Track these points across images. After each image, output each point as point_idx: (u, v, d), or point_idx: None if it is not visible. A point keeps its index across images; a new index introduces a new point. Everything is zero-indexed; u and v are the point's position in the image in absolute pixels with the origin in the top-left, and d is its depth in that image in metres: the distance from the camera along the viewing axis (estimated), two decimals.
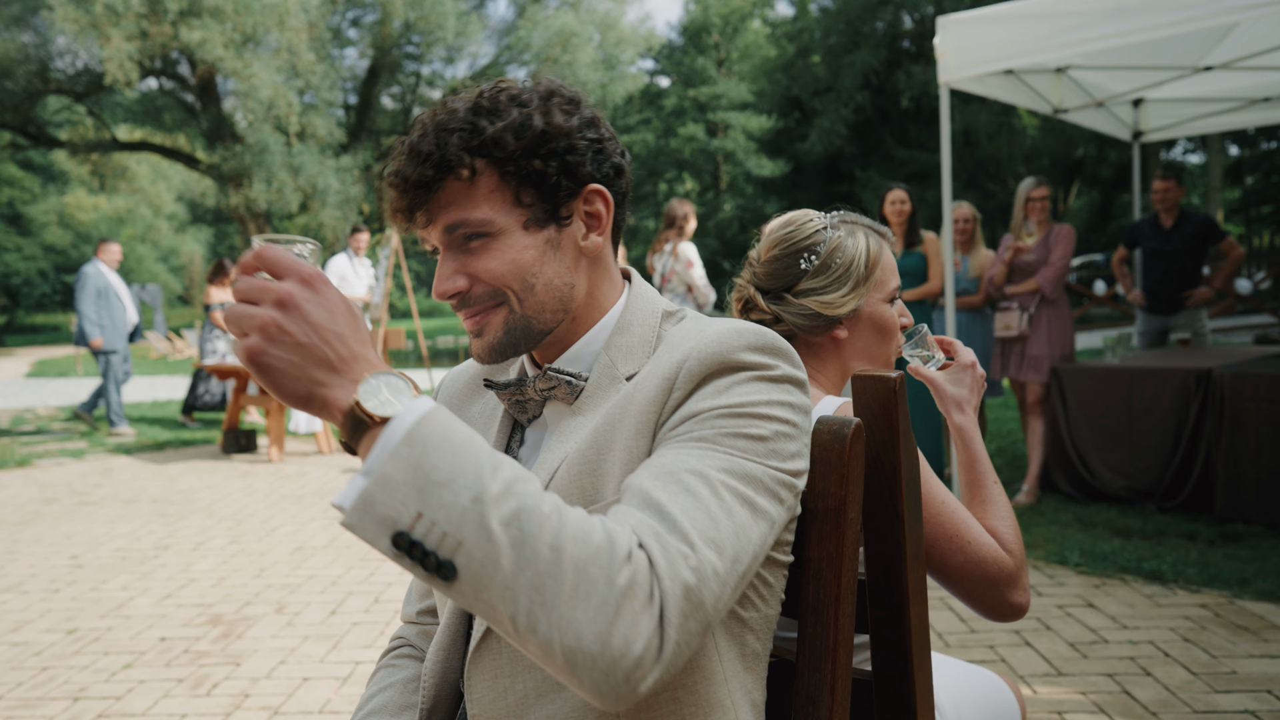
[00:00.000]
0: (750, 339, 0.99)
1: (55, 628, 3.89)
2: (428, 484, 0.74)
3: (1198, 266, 5.93)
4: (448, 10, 27.81)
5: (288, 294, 0.79)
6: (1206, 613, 3.59)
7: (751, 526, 0.88)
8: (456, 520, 0.73)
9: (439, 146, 1.01)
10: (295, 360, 0.79)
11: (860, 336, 1.55)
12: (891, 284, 1.56)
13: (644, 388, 1.00)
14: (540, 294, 1.05)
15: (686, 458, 0.90)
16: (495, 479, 0.75)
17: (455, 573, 0.73)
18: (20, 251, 44.34)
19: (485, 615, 0.76)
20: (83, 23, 22.91)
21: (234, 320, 0.79)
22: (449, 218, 1.03)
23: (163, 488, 6.86)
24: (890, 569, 1.18)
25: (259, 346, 0.78)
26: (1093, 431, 5.23)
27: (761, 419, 0.94)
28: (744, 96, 35.64)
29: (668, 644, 0.77)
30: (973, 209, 5.91)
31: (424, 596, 1.28)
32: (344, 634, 3.73)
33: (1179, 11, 4.05)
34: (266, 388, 0.80)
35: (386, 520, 0.73)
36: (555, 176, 1.04)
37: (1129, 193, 22.25)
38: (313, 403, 0.80)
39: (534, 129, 1.02)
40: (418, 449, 0.75)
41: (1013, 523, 1.42)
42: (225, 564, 4.77)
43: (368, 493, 0.74)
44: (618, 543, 0.78)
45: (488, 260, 1.03)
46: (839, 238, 1.53)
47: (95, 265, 9.37)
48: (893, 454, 1.16)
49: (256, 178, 25.89)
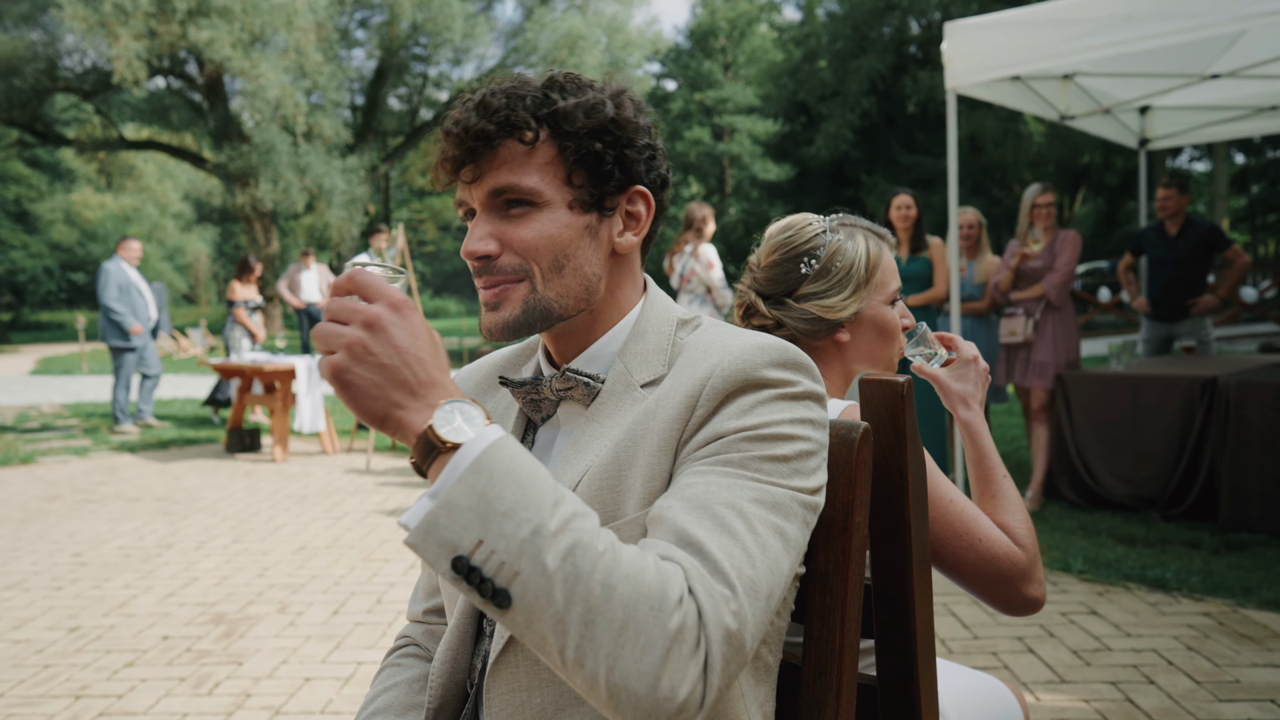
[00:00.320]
0: (773, 355, 0.99)
1: (57, 625, 3.90)
2: (490, 513, 0.77)
3: (1203, 274, 5.92)
4: (455, 12, 27.88)
5: (375, 316, 0.83)
6: (1210, 621, 3.58)
7: (783, 558, 0.89)
8: (515, 551, 0.76)
9: (509, 106, 1.02)
10: (377, 380, 0.82)
11: (863, 339, 1.55)
12: (892, 286, 1.56)
13: (667, 404, 1.00)
14: (567, 278, 1.05)
15: (717, 488, 0.91)
16: (555, 514, 0.78)
17: (510, 601, 0.76)
18: (26, 249, 44.45)
19: (535, 645, 0.78)
20: (91, 21, 23.00)
21: (322, 338, 0.83)
22: (498, 180, 1.03)
23: (166, 486, 6.87)
24: (896, 574, 1.18)
25: (344, 364, 0.82)
26: (1097, 439, 5.22)
27: (785, 439, 0.95)
28: (750, 101, 35.65)
29: (710, 690, 0.79)
30: (978, 215, 5.91)
31: (430, 595, 1.28)
32: (346, 634, 3.73)
33: (1187, 19, 4.05)
34: (347, 404, 0.83)
35: (448, 544, 0.77)
36: (610, 165, 1.06)
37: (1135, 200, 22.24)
38: (388, 422, 0.83)
39: (604, 113, 1.04)
40: (484, 477, 0.77)
41: (1024, 516, 1.42)
42: (228, 563, 4.78)
43: (433, 515, 0.77)
44: (670, 584, 0.80)
45: (524, 230, 1.03)
46: (839, 241, 1.53)
47: (116, 262, 9.38)
48: (900, 459, 1.16)
49: (263, 177, 25.97)
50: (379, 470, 7.39)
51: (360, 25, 31.86)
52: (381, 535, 5.28)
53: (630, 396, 1.05)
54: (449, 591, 1.15)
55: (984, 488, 1.47)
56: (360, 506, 6.03)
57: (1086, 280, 20.93)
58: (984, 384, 1.56)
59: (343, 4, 27.88)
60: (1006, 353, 5.58)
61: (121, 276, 9.31)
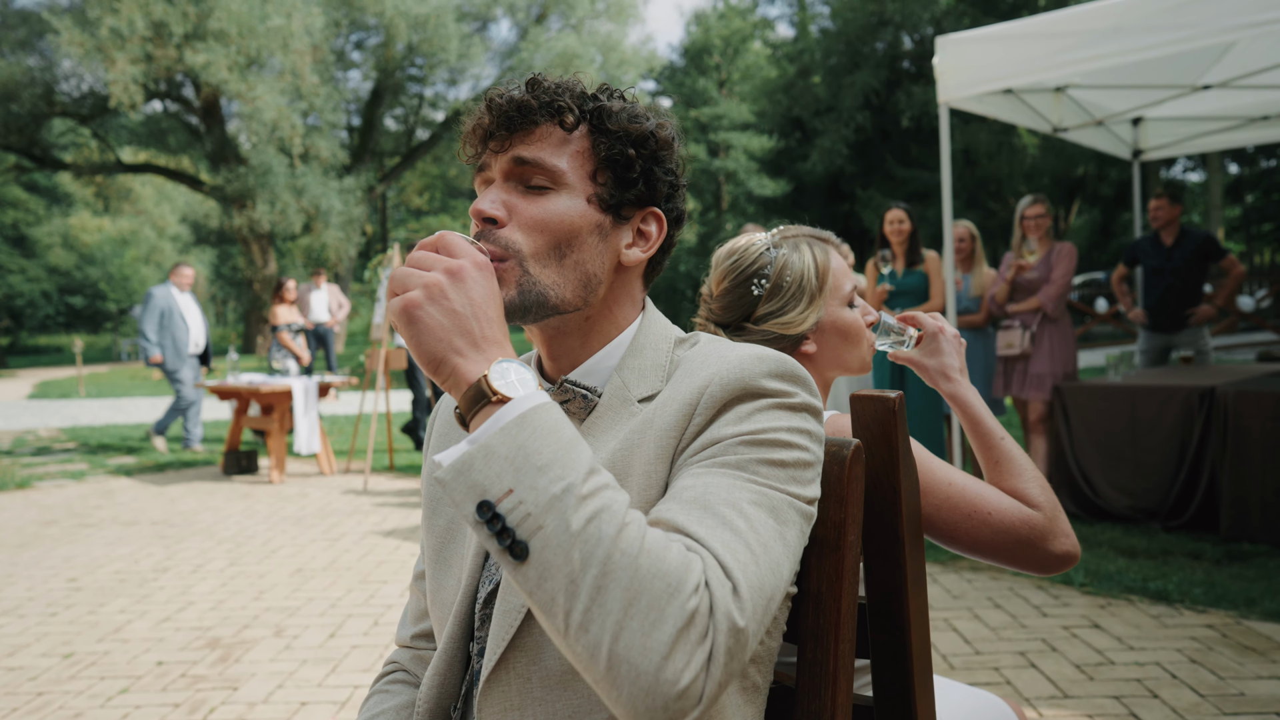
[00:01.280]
0: (771, 365, 0.99)
1: (51, 652, 3.86)
2: (526, 464, 0.78)
3: (1199, 284, 5.92)
4: (450, 33, 28.04)
5: (460, 268, 0.88)
6: (1213, 633, 3.56)
7: (783, 563, 0.88)
8: (543, 505, 0.76)
9: (557, 90, 1.05)
10: (445, 324, 0.85)
11: (828, 346, 1.54)
12: (846, 288, 1.55)
13: (664, 412, 0.99)
14: (568, 268, 1.04)
15: (716, 488, 0.89)
16: (589, 480, 0.79)
17: (527, 555, 0.76)
18: (24, 273, 44.45)
19: (542, 606, 0.77)
20: (88, 46, 23.11)
21: (401, 279, 0.87)
22: (528, 150, 1.04)
23: (163, 509, 6.84)
24: (891, 593, 1.16)
25: (418, 300, 0.85)
26: (1096, 450, 5.20)
27: (782, 446, 0.94)
28: (745, 117, 35.80)
29: (709, 684, 0.77)
30: (970, 228, 5.91)
31: (419, 619, 1.26)
32: (343, 657, 3.70)
33: (1177, 31, 4.07)
34: (407, 340, 0.86)
35: (478, 487, 0.78)
36: (637, 175, 1.07)
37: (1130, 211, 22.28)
38: (444, 366, 0.86)
39: (645, 125, 1.08)
40: (526, 431, 0.79)
41: (1034, 474, 1.39)
42: (224, 586, 4.74)
43: (468, 457, 0.79)
44: (690, 570, 0.79)
45: (535, 207, 1.03)
46: (784, 256, 1.52)
47: (165, 288, 9.25)
48: (893, 476, 1.14)
49: (260, 199, 26.03)
50: (376, 491, 7.36)
51: (356, 47, 32.02)
52: (379, 556, 5.25)
53: (627, 411, 1.04)
54: (439, 610, 1.13)
55: (986, 455, 1.44)
56: (357, 528, 6.00)
57: (1083, 291, 20.96)
58: (959, 350, 1.53)
59: (338, 26, 28.03)
60: (1004, 365, 5.58)
61: (166, 303, 9.14)
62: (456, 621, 1.08)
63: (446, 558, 1.15)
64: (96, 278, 47.35)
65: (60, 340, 47.89)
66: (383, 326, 8.00)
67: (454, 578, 1.12)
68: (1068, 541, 1.35)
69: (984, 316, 5.75)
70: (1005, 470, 1.41)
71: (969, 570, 4.53)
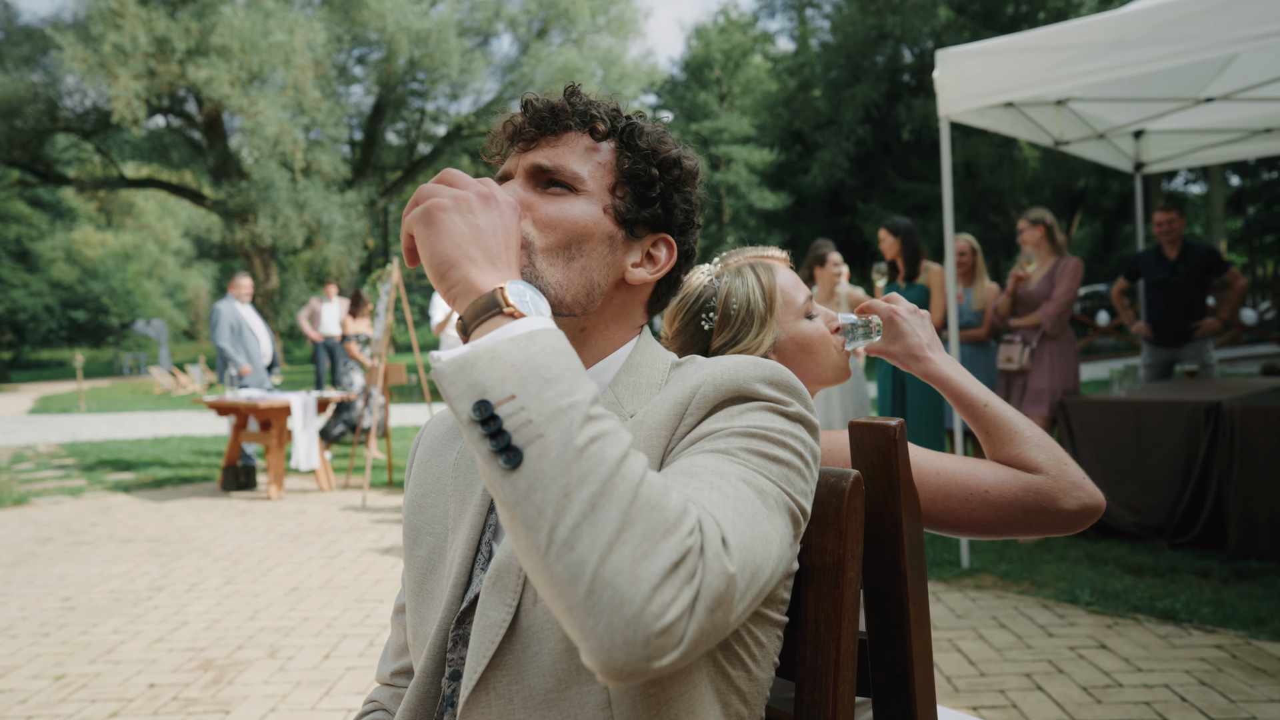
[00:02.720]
0: (768, 372, 0.96)
1: (43, 673, 3.81)
2: (534, 375, 0.74)
3: (1203, 297, 5.87)
4: (452, 48, 28.14)
5: (492, 193, 0.86)
6: (1223, 654, 3.49)
7: (773, 539, 0.82)
8: (547, 415, 0.72)
9: (590, 103, 1.06)
10: (465, 233, 0.82)
11: (795, 363, 1.50)
12: (799, 300, 1.51)
13: (654, 414, 0.96)
14: (574, 271, 1.03)
15: (705, 462, 0.86)
16: (595, 404, 0.75)
17: (520, 462, 0.71)
18: (27, 288, 44.55)
19: (525, 518, 0.70)
20: (91, 62, 23.20)
21: (428, 190, 0.85)
22: (550, 158, 1.04)
23: (160, 526, 6.79)
24: (894, 629, 1.12)
25: (444, 204, 0.83)
26: (1101, 465, 5.14)
27: (777, 444, 0.90)
28: (746, 130, 35.87)
29: (690, 628, 0.70)
30: (971, 241, 5.88)
31: (399, 655, 1.21)
32: (337, 679, 3.64)
33: (1179, 43, 4.03)
34: (421, 242, 0.83)
35: (478, 386, 0.73)
36: (656, 196, 1.08)
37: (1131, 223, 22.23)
38: (454, 270, 0.82)
39: (672, 150, 1.09)
40: (536, 346, 0.75)
41: (1031, 433, 1.33)
42: (219, 605, 4.69)
43: (473, 355, 0.75)
44: (687, 513, 0.73)
45: (550, 206, 1.03)
46: (726, 284, 1.50)
47: (229, 302, 8.98)
48: (894, 506, 1.10)
49: (262, 213, 26.07)
50: (375, 508, 7.31)
51: (358, 62, 32.13)
52: (376, 574, 5.20)
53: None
54: (419, 645, 1.08)
55: (976, 426, 1.38)
56: (355, 545, 5.95)
57: (1085, 304, 20.90)
58: (923, 325, 1.47)
59: (340, 41, 28.13)
60: (1005, 379, 5.53)
61: (233, 316, 8.89)
62: (430, 654, 1.03)
63: (428, 590, 1.10)
64: (99, 292, 47.43)
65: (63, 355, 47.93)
66: (381, 340, 7.96)
67: (435, 610, 1.08)
68: (1083, 493, 1.28)
69: (986, 330, 5.71)
70: (998, 438, 1.35)
71: (973, 589, 4.47)
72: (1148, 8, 4.10)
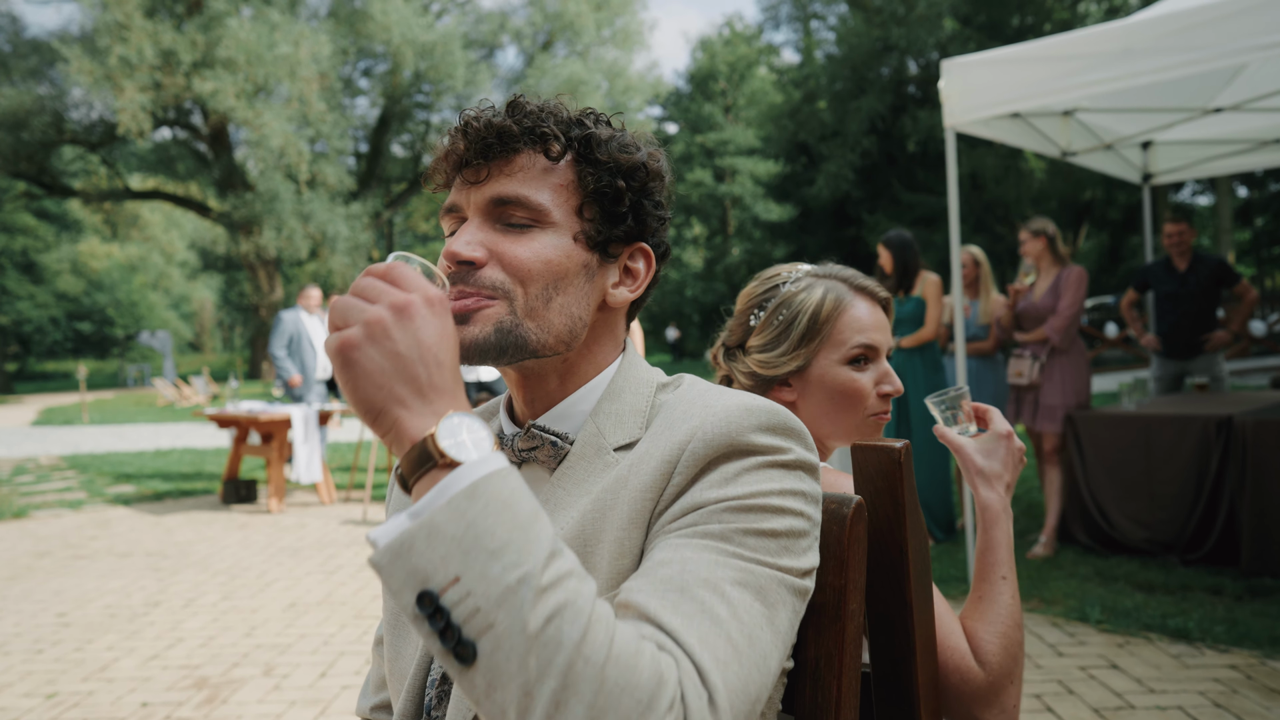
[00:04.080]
0: (761, 418, 0.88)
1: (34, 692, 3.75)
2: (476, 547, 0.66)
3: (1213, 310, 5.80)
4: (457, 60, 28.24)
5: (407, 303, 0.74)
6: (1237, 674, 3.41)
7: (771, 654, 0.77)
8: (495, 599, 0.65)
9: (540, 115, 0.95)
10: (386, 368, 0.73)
11: (812, 401, 1.38)
12: (851, 343, 1.37)
13: (640, 470, 0.88)
14: (554, 314, 0.94)
15: (695, 565, 0.78)
16: (549, 567, 0.67)
17: (474, 658, 0.65)
18: (33, 299, 44.69)
19: (490, 716, 0.66)
20: (97, 74, 23.31)
21: (341, 310, 0.75)
22: (509, 188, 0.94)
23: (159, 540, 6.73)
24: (899, 662, 1.05)
25: (356, 340, 0.73)
26: (1111, 481, 5.06)
27: (774, 512, 0.83)
28: (751, 142, 35.92)
29: None
30: (975, 253, 5.80)
31: (379, 689, 1.16)
32: (333, 698, 3.58)
33: (1187, 53, 3.98)
34: (344, 387, 0.74)
35: (418, 573, 0.66)
36: (626, 209, 0.98)
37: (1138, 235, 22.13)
38: (384, 418, 0.73)
39: (636, 155, 0.99)
40: (478, 505, 0.67)
41: (1004, 630, 1.20)
42: (215, 621, 4.63)
43: (409, 536, 0.66)
44: (664, 683, 0.68)
45: (521, 246, 0.93)
46: (792, 292, 1.40)
47: (294, 312, 8.77)
48: (899, 533, 1.04)
49: (267, 225, 26.15)
50: (376, 521, 7.24)
51: (363, 74, 32.28)
52: (375, 589, 5.13)
53: (601, 460, 0.94)
54: (396, 680, 1.02)
55: (976, 584, 1.27)
56: (355, 559, 5.88)
57: (1093, 315, 20.79)
58: (1018, 466, 1.32)
59: (346, 53, 28.24)
60: (1016, 394, 5.46)
61: (295, 327, 8.65)
62: (409, 697, 0.97)
63: (405, 623, 1.04)
64: (104, 303, 47.57)
65: (68, 366, 48.03)
66: None
67: (412, 645, 1.02)
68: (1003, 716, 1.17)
69: (993, 344, 5.64)
70: (978, 610, 1.24)
71: None
72: (1155, 17, 4.05)
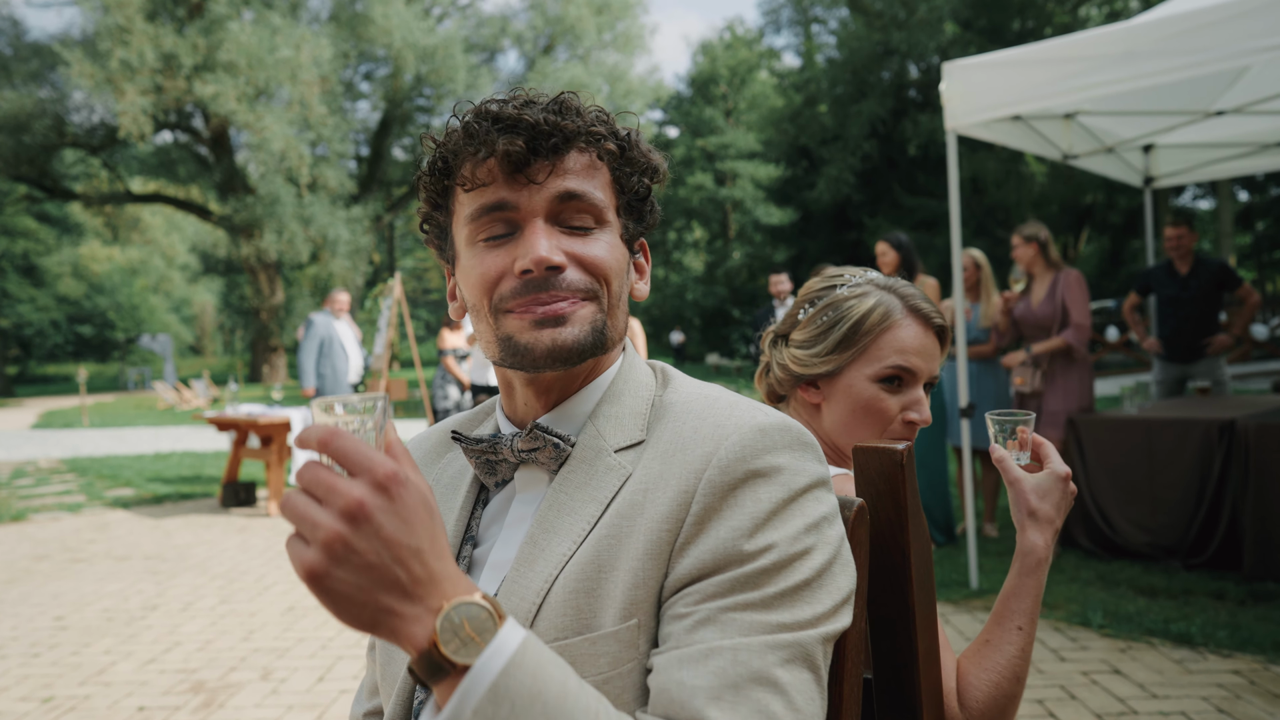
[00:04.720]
0: (775, 438, 0.87)
1: (30, 696, 3.73)
2: None
3: (1215, 313, 5.78)
4: (458, 64, 28.26)
5: (358, 505, 0.66)
6: (1240, 680, 3.39)
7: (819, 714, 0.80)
8: None
9: (579, 113, 0.93)
10: (362, 584, 0.66)
11: (835, 409, 1.37)
12: (888, 361, 1.34)
13: (656, 499, 0.86)
14: (620, 312, 0.96)
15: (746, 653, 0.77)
16: None
17: None
18: (34, 302, 44.71)
19: None
20: (98, 78, 23.33)
21: (295, 518, 0.67)
22: (573, 184, 0.92)
23: (157, 544, 6.71)
24: (902, 669, 1.03)
25: (321, 567, 0.66)
26: (1112, 485, 5.04)
27: (803, 556, 0.83)
28: (752, 146, 35.92)
29: None
30: (975, 256, 5.79)
31: (374, 694, 1.14)
32: (330, 703, 3.55)
33: (1189, 56, 3.96)
34: (329, 611, 0.68)
35: None
36: (648, 209, 1.00)
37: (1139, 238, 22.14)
38: (379, 630, 0.68)
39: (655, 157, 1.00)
40: (504, 710, 0.66)
41: (999, 679, 1.17)
42: (213, 625, 4.61)
43: None
44: None
45: (594, 247, 0.93)
46: (844, 295, 1.39)
47: (324, 315, 8.70)
48: (901, 537, 1.02)
49: (268, 228, 26.16)
50: None
51: (365, 78, 32.31)
52: None
53: (603, 463, 0.92)
54: (388, 685, 1.01)
55: (988, 627, 1.23)
56: None
57: (1094, 319, 20.80)
58: (1066, 511, 1.27)
59: (347, 57, 28.27)
60: (1019, 401, 5.44)
61: (326, 331, 8.56)
62: (399, 702, 0.96)
63: None
64: (105, 307, 47.59)
65: (68, 369, 48.01)
66: (383, 356, 7.90)
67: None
68: None
69: (993, 348, 5.62)
70: (981, 653, 1.20)
71: (982, 610, 4.37)
72: (1157, 20, 4.03)
